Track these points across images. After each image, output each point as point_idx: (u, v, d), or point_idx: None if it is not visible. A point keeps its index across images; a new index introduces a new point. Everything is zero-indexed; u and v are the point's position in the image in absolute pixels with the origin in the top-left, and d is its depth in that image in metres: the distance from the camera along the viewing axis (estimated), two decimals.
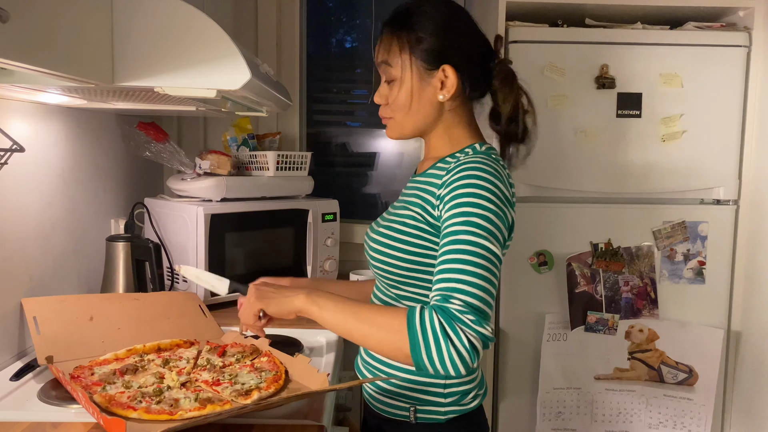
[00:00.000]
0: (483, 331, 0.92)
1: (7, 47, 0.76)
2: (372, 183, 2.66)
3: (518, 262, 2.00)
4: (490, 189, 1.02)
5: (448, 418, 1.18)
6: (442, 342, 0.91)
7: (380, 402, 1.22)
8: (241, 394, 1.15)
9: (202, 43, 1.11)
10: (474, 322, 0.92)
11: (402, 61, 1.13)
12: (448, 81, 1.13)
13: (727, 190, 1.99)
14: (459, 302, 0.94)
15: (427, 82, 1.13)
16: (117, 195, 1.94)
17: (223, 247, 1.86)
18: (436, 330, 0.92)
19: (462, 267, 0.96)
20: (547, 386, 2.00)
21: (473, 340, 0.91)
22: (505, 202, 1.04)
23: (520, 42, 1.94)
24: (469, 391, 1.20)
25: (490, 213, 1.00)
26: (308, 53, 2.52)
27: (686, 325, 1.99)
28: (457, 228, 1.00)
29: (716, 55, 1.94)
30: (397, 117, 1.18)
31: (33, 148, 1.44)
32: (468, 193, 1.02)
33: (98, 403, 1.08)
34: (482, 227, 0.99)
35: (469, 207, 1.01)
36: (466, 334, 0.91)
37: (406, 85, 1.14)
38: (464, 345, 0.91)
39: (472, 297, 0.94)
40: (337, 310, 1.04)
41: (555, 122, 1.96)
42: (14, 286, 1.39)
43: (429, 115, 1.16)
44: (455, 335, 0.91)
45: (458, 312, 0.93)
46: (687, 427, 1.99)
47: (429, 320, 0.93)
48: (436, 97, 1.14)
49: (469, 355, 0.91)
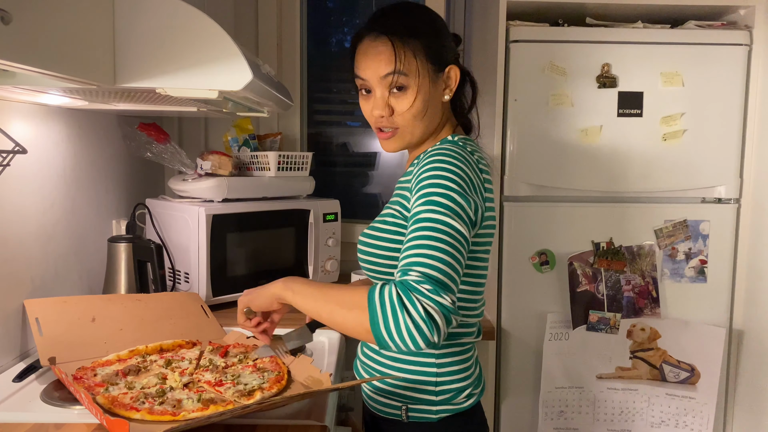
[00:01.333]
0: (440, 300, 0.91)
1: (9, 49, 0.77)
2: (373, 183, 2.66)
3: (520, 261, 2.00)
4: (452, 170, 1.03)
5: (440, 417, 1.17)
6: (399, 313, 0.91)
7: (375, 401, 1.23)
8: (244, 395, 1.15)
9: (204, 43, 1.11)
10: (431, 291, 0.91)
11: (418, 67, 1.11)
12: (452, 80, 1.16)
13: (729, 189, 1.99)
14: (416, 273, 0.94)
15: (436, 84, 1.15)
16: (118, 196, 1.94)
17: (224, 248, 1.86)
18: (393, 301, 0.92)
19: (421, 242, 0.97)
20: (549, 385, 2.00)
21: (429, 309, 0.90)
22: (470, 185, 1.04)
23: (520, 41, 1.94)
24: (463, 389, 1.19)
25: (451, 192, 1.01)
26: (308, 53, 2.52)
27: (688, 324, 1.99)
28: (421, 209, 1.01)
29: (717, 53, 1.94)
30: (407, 126, 1.14)
31: (35, 150, 1.44)
32: (431, 176, 1.03)
33: (101, 404, 1.08)
34: (442, 205, 0.99)
35: (432, 188, 1.02)
36: (422, 303, 0.91)
37: (422, 91, 1.12)
38: (420, 314, 0.90)
39: (429, 268, 0.94)
40: (308, 293, 1.07)
41: (556, 121, 1.95)
42: (16, 287, 1.39)
43: (437, 116, 1.18)
44: (411, 305, 0.91)
45: (415, 282, 0.93)
46: (689, 425, 1.99)
47: (388, 293, 0.93)
48: (442, 98, 1.17)
49: (426, 325, 0.90)
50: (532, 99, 1.95)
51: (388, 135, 1.16)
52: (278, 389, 1.18)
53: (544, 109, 1.95)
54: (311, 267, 2.11)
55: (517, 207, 1.98)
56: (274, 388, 1.18)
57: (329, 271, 2.16)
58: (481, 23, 2.22)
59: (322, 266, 2.14)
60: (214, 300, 1.83)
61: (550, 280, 2.00)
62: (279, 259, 2.06)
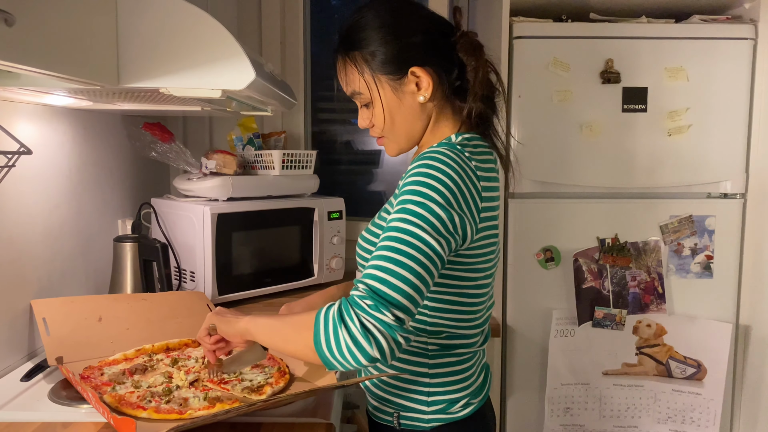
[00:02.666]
0: (380, 317, 0.87)
1: (13, 51, 0.77)
2: (377, 180, 2.66)
3: (525, 258, 2.00)
4: (436, 177, 0.96)
5: (432, 426, 1.13)
6: (339, 328, 0.88)
7: (372, 406, 1.21)
8: (253, 391, 1.15)
9: (207, 43, 1.11)
10: (371, 306, 0.88)
11: (366, 82, 1.08)
12: (422, 81, 1.07)
13: (735, 184, 1.98)
14: (363, 287, 0.90)
15: (401, 91, 1.08)
16: (123, 195, 1.95)
17: (230, 247, 1.87)
18: (334, 318, 0.89)
19: (382, 254, 0.92)
20: (555, 382, 2.00)
21: (367, 323, 0.87)
22: (456, 194, 0.97)
23: (524, 37, 1.93)
24: (458, 399, 1.14)
25: (430, 201, 0.94)
26: (312, 52, 2.52)
27: (694, 320, 1.98)
28: (393, 217, 0.96)
29: (722, 48, 1.93)
30: (388, 135, 1.13)
31: (40, 150, 1.45)
32: (412, 182, 0.97)
33: (108, 403, 1.09)
34: (417, 215, 0.93)
35: (410, 195, 0.96)
36: (360, 318, 0.87)
37: (380, 104, 1.09)
38: (357, 329, 0.87)
39: (378, 282, 0.90)
40: (267, 324, 1.03)
41: (560, 117, 1.95)
42: (23, 287, 1.40)
43: (416, 120, 1.11)
44: (349, 319, 0.88)
45: (358, 297, 0.90)
46: (695, 421, 1.99)
47: (329, 310, 0.91)
48: (416, 101, 1.09)
49: (365, 339, 0.86)
50: (536, 95, 1.95)
51: (381, 141, 1.16)
52: (284, 383, 1.19)
53: (548, 106, 1.95)
54: (316, 265, 2.11)
55: (521, 204, 1.98)
56: (280, 383, 1.18)
57: (334, 269, 2.16)
58: (485, 20, 2.22)
59: (327, 264, 2.14)
60: (220, 299, 1.84)
61: (556, 276, 2.00)
62: (284, 257, 2.06)
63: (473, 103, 1.08)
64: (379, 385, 1.17)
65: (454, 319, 1.11)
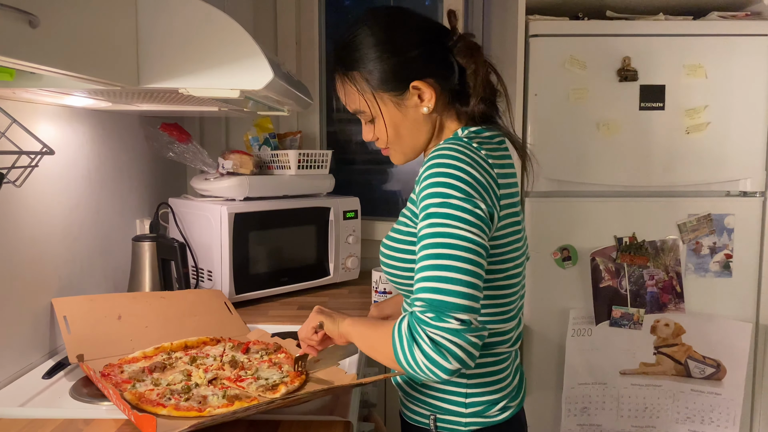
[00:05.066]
0: (445, 325, 0.87)
1: (37, 52, 0.78)
2: (393, 180, 2.66)
3: (542, 257, 1.99)
4: (450, 174, 0.96)
5: (469, 429, 1.11)
6: (413, 346, 0.89)
7: (405, 407, 1.20)
8: (268, 389, 1.16)
9: (225, 44, 1.12)
10: (433, 318, 0.88)
11: (367, 101, 1.08)
12: (424, 93, 1.06)
13: (754, 182, 1.96)
14: (420, 302, 0.91)
15: (404, 105, 1.07)
16: (141, 195, 1.97)
17: (247, 246, 1.88)
18: (404, 335, 0.90)
19: (426, 263, 0.92)
20: (572, 382, 1.99)
21: (436, 337, 0.87)
22: (472, 186, 0.96)
23: (540, 36, 1.92)
24: (496, 401, 1.12)
25: (451, 199, 0.94)
26: (327, 52, 2.53)
27: (713, 319, 1.96)
28: (422, 225, 0.96)
29: (741, 44, 1.91)
30: (393, 147, 1.13)
31: (60, 151, 1.46)
32: (429, 185, 0.97)
33: (129, 400, 1.10)
34: (444, 215, 0.93)
35: (430, 199, 0.96)
36: (428, 333, 0.88)
37: (384, 120, 1.09)
38: (428, 344, 0.87)
39: (432, 292, 0.90)
40: (362, 332, 1.05)
41: (577, 116, 1.94)
42: (44, 286, 1.42)
43: (422, 131, 1.11)
44: (419, 336, 0.88)
45: (420, 312, 0.90)
46: (715, 422, 1.97)
47: (400, 327, 0.92)
48: (419, 113, 1.08)
49: (438, 354, 0.87)
50: (553, 94, 1.94)
51: (386, 152, 1.16)
52: (300, 383, 1.19)
53: (564, 104, 1.94)
54: (332, 264, 2.12)
55: (538, 202, 1.97)
56: (296, 382, 1.19)
57: (350, 269, 2.17)
58: (500, 18, 2.21)
59: (342, 264, 2.15)
60: (237, 297, 1.85)
61: (573, 275, 1.99)
62: (300, 256, 2.07)
63: (476, 105, 1.07)
64: (413, 386, 1.16)
65: (489, 314, 1.09)
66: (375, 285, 1.89)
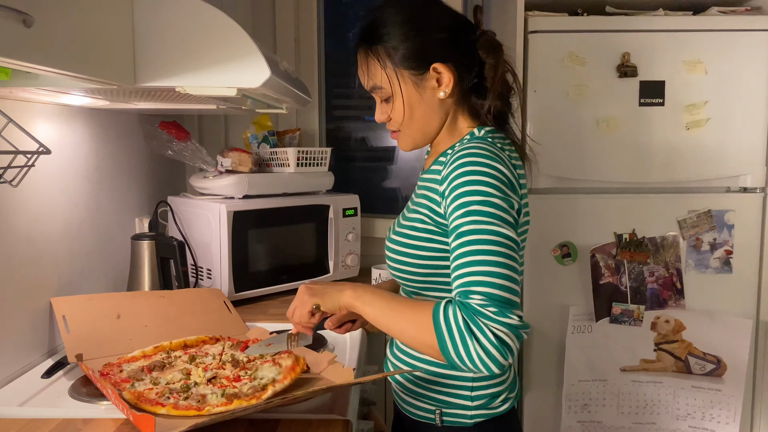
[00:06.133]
0: (508, 321, 0.89)
1: (32, 52, 0.78)
2: (392, 177, 2.65)
3: (541, 254, 1.99)
4: (488, 173, 0.98)
5: (475, 422, 1.13)
6: (468, 339, 0.89)
7: (407, 403, 1.20)
8: (258, 390, 1.15)
9: (222, 42, 1.11)
10: (497, 313, 0.89)
11: (389, 77, 1.09)
12: (443, 77, 1.08)
13: (754, 178, 1.95)
14: (479, 296, 0.91)
15: (422, 87, 1.09)
16: (140, 194, 1.96)
17: (246, 244, 1.88)
18: (461, 327, 0.90)
19: (476, 258, 0.93)
20: (573, 379, 1.99)
21: (499, 333, 0.88)
22: (507, 185, 0.99)
23: (539, 32, 1.92)
24: (499, 393, 1.15)
25: (492, 198, 0.96)
26: (326, 49, 2.52)
27: (714, 316, 1.96)
28: (462, 221, 0.96)
29: (741, 40, 1.90)
30: (404, 130, 1.14)
31: (58, 150, 1.46)
32: (466, 182, 0.98)
33: (127, 399, 1.09)
34: (487, 213, 0.95)
35: (470, 196, 0.97)
36: (490, 328, 0.88)
37: (401, 98, 1.10)
38: (489, 340, 0.88)
39: (489, 287, 0.91)
40: (377, 305, 1.03)
41: (576, 112, 1.93)
42: (43, 285, 1.42)
43: (435, 117, 1.12)
44: (479, 331, 0.88)
45: (479, 306, 0.90)
46: (716, 418, 1.97)
47: (453, 317, 0.91)
48: (436, 97, 1.10)
49: (497, 350, 0.88)
50: (552, 90, 1.93)
51: (395, 135, 1.17)
52: (291, 379, 1.17)
53: (564, 101, 1.93)
54: (332, 262, 2.11)
55: (538, 199, 1.97)
56: (287, 379, 1.16)
57: (350, 266, 2.16)
58: (500, 14, 2.20)
59: (342, 261, 2.14)
60: (237, 296, 1.85)
61: (573, 272, 1.99)
62: (300, 254, 2.07)
63: (492, 101, 1.09)
64: (418, 382, 1.16)
65: None
66: (375, 282, 1.89)
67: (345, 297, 1.08)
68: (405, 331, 0.99)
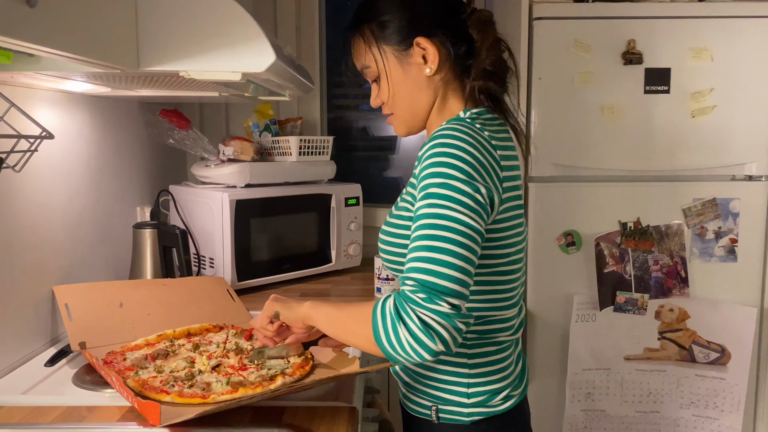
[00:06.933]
0: (436, 308, 0.87)
1: (35, 32, 0.76)
2: (393, 167, 2.64)
3: (546, 243, 1.98)
4: (454, 155, 0.94)
5: (472, 419, 1.09)
6: (398, 325, 0.88)
7: (407, 399, 1.17)
8: (266, 380, 1.14)
9: (226, 25, 1.09)
10: (425, 299, 0.87)
11: (374, 54, 1.09)
12: (428, 52, 1.06)
13: (760, 166, 1.94)
14: (411, 281, 0.90)
15: (407, 63, 1.08)
16: (142, 183, 1.95)
17: (248, 233, 1.87)
18: (391, 314, 0.89)
19: (420, 244, 0.91)
20: (576, 367, 1.99)
21: (425, 318, 0.86)
22: (476, 167, 0.95)
23: (544, 18, 1.90)
24: (499, 390, 1.10)
25: (453, 180, 0.92)
26: (327, 37, 2.50)
27: (718, 304, 1.95)
28: (421, 203, 0.94)
29: (747, 26, 1.89)
30: (396, 112, 1.13)
31: (59, 137, 1.44)
32: (431, 164, 0.95)
33: (132, 387, 1.09)
34: (444, 196, 0.92)
35: (431, 178, 0.94)
36: (417, 313, 0.87)
37: (387, 76, 1.09)
38: (417, 325, 0.86)
39: (424, 273, 0.89)
40: (327, 312, 1.04)
41: (581, 100, 1.92)
42: (45, 274, 1.41)
43: (422, 96, 1.10)
44: (407, 316, 0.87)
45: (410, 292, 0.89)
46: (719, 407, 1.97)
47: (386, 306, 0.90)
48: (422, 74, 1.08)
49: (425, 335, 0.86)
50: (557, 77, 1.92)
51: (390, 120, 1.16)
52: (300, 375, 1.17)
53: (568, 88, 1.92)
54: (334, 252, 2.11)
55: (542, 188, 1.96)
56: (296, 374, 1.17)
57: (352, 256, 2.16)
58: (504, 1, 2.18)
59: (344, 251, 2.13)
60: (239, 285, 1.84)
61: (577, 261, 1.98)
62: (302, 243, 2.06)
63: (479, 80, 1.07)
64: (414, 376, 1.13)
65: (491, 300, 1.07)
66: (377, 272, 1.88)
67: (302, 308, 1.09)
68: (347, 328, 1.00)
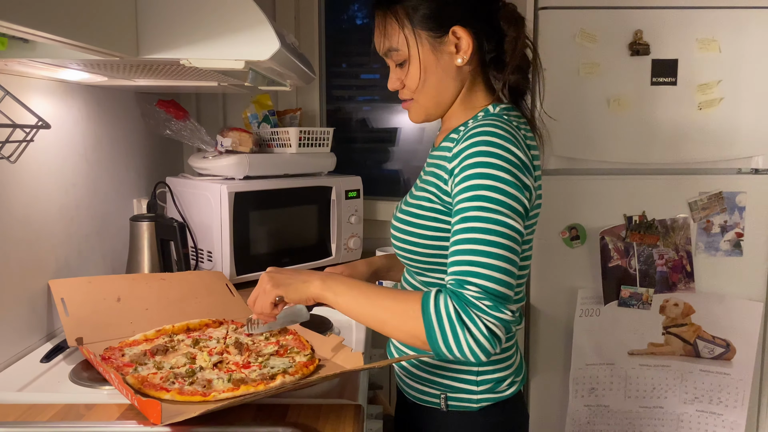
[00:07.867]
0: (502, 316, 0.88)
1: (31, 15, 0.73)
2: (393, 159, 2.61)
3: (550, 236, 1.95)
4: (501, 155, 0.93)
5: (481, 406, 1.12)
6: (459, 330, 0.88)
7: (411, 388, 1.18)
8: (266, 378, 1.11)
9: (229, 12, 1.06)
10: (491, 308, 0.88)
11: (406, 37, 1.05)
12: (462, 42, 1.04)
13: (766, 159, 1.92)
14: (474, 287, 0.89)
15: (439, 50, 1.05)
16: (138, 174, 1.92)
17: (247, 226, 1.83)
18: (452, 317, 0.88)
19: (475, 247, 0.90)
20: (580, 362, 1.97)
21: (491, 326, 0.88)
22: (521, 168, 0.95)
23: (550, 8, 1.87)
24: (505, 378, 1.13)
25: (504, 184, 0.92)
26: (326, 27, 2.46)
27: (723, 299, 1.94)
28: (468, 204, 0.93)
29: (756, 17, 1.86)
30: (417, 98, 1.10)
31: (55, 127, 1.41)
32: (477, 163, 0.94)
33: (131, 384, 1.06)
34: (495, 201, 0.91)
35: (479, 179, 0.93)
36: (483, 321, 0.88)
37: (417, 61, 1.05)
38: (482, 332, 0.87)
39: (487, 280, 0.89)
40: (352, 295, 0.99)
41: (587, 91, 1.89)
42: (41, 267, 1.37)
43: (450, 85, 1.08)
44: (471, 322, 0.87)
45: (474, 298, 0.89)
46: (723, 402, 1.95)
47: (444, 307, 0.89)
48: (453, 63, 1.06)
49: (488, 341, 0.88)
50: (562, 68, 1.89)
51: (407, 105, 1.13)
52: (303, 374, 1.14)
53: (574, 79, 1.89)
54: (334, 244, 2.08)
55: (546, 180, 1.92)
56: (298, 374, 1.14)
57: (352, 249, 2.13)
58: None
59: (344, 244, 2.10)
60: (238, 278, 1.81)
61: (581, 255, 1.96)
62: (302, 236, 2.03)
63: (510, 75, 1.07)
64: (422, 366, 1.14)
65: None
66: None
67: (312, 288, 1.02)
68: (386, 321, 0.96)
